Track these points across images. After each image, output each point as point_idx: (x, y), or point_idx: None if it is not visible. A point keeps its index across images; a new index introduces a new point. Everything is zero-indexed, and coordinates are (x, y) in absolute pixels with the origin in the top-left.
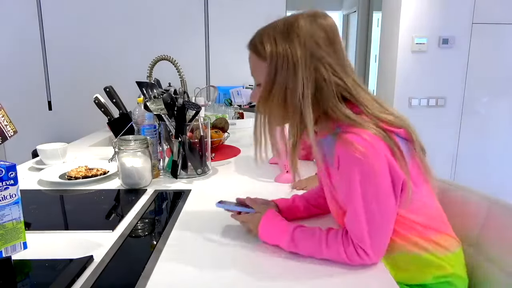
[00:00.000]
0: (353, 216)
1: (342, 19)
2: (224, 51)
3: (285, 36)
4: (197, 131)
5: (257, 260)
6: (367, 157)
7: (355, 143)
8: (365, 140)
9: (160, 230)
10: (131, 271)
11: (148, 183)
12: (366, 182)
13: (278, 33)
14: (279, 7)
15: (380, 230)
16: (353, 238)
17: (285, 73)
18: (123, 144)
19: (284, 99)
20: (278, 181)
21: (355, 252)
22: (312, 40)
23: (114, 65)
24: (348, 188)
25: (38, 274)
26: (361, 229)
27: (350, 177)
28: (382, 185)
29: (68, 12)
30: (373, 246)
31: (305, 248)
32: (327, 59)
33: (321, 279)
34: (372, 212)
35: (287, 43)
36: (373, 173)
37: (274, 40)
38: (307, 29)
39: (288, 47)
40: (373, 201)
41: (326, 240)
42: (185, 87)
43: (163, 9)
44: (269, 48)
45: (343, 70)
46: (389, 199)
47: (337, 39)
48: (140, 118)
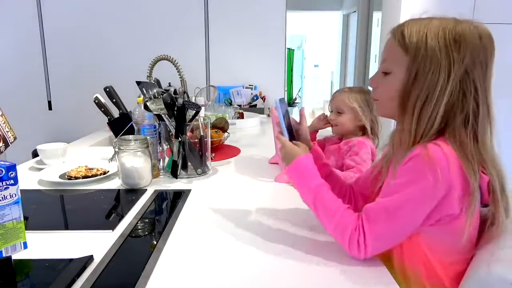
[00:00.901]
0: (380, 208)
1: (342, 19)
2: (224, 51)
3: (441, 35)
4: (197, 131)
5: (258, 260)
6: (439, 162)
7: (431, 152)
8: (446, 155)
9: (160, 230)
10: (131, 271)
11: (148, 183)
12: (417, 188)
13: (432, 30)
14: (279, 7)
15: (391, 235)
16: (364, 225)
17: (432, 76)
18: (123, 144)
19: (423, 102)
20: (278, 181)
21: (357, 240)
22: (471, 52)
23: (114, 65)
24: (397, 184)
25: (38, 274)
26: (379, 222)
27: (408, 174)
28: (426, 201)
29: (69, 12)
30: (375, 245)
31: (320, 206)
32: (476, 82)
33: (323, 280)
34: (398, 215)
35: (441, 44)
36: (430, 186)
37: (426, 36)
38: (471, 38)
39: (440, 48)
40: (408, 206)
41: (344, 211)
42: (185, 87)
43: (163, 9)
44: (416, 41)
45: (484, 95)
46: (420, 215)
47: (490, 65)
48: (140, 118)
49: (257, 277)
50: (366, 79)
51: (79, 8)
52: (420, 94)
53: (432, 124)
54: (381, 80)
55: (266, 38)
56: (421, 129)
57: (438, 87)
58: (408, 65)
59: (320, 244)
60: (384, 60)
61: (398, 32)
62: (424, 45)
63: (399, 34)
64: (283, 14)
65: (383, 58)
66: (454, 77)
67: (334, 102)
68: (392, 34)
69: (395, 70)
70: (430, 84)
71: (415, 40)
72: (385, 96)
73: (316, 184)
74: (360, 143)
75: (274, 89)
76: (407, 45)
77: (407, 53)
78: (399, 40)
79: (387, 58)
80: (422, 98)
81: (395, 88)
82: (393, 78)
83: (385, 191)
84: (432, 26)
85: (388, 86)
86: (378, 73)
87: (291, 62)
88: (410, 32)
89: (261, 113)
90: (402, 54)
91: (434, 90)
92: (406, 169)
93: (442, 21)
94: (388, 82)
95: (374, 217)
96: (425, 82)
